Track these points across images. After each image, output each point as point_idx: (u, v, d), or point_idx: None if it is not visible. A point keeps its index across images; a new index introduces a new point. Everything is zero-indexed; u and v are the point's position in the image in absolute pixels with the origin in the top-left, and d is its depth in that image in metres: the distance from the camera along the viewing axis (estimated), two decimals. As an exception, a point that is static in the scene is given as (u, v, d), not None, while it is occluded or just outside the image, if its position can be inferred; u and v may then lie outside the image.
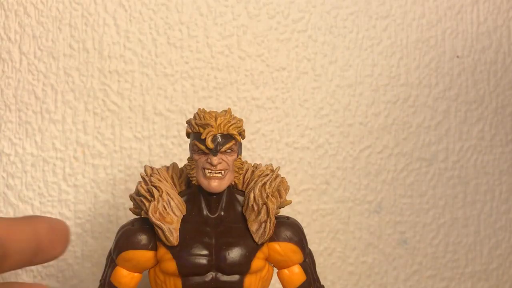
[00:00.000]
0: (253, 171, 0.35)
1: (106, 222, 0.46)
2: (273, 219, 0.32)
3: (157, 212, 0.32)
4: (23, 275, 0.45)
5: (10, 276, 0.45)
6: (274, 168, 0.35)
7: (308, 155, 0.49)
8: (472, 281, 0.51)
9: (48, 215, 0.46)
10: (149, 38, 0.47)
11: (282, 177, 0.35)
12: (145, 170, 0.35)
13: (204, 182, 0.32)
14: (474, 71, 0.52)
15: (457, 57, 0.51)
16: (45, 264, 0.45)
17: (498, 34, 0.52)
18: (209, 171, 0.32)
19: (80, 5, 0.47)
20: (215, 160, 0.32)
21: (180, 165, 0.37)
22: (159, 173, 0.34)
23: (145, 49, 0.47)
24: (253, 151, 0.48)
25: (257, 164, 0.36)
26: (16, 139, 0.46)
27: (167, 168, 0.35)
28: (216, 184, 0.32)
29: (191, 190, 0.34)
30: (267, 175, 0.34)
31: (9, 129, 0.46)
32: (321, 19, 0.50)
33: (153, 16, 0.47)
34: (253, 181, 0.34)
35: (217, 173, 0.32)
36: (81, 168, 0.46)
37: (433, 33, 0.51)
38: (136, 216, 0.34)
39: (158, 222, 0.31)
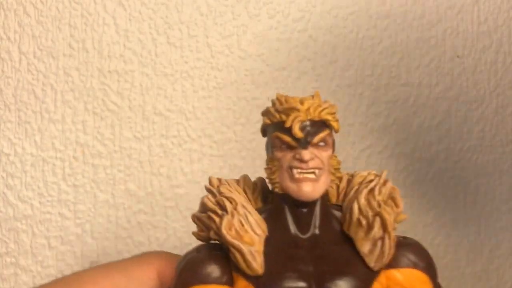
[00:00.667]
0: (349, 180, 0.28)
1: (105, 222, 0.46)
2: (392, 234, 0.24)
3: (233, 229, 0.24)
4: (22, 275, 0.45)
5: (9, 278, 0.45)
6: (378, 173, 0.27)
7: (308, 155, 0.49)
8: (472, 281, 0.51)
9: (48, 215, 0.46)
10: (149, 37, 0.47)
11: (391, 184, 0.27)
12: (210, 182, 0.27)
13: (292, 187, 0.25)
14: (474, 71, 0.52)
15: (458, 57, 0.51)
16: (45, 264, 0.45)
17: (499, 34, 0.52)
18: (299, 170, 0.24)
19: (80, 5, 0.47)
20: (306, 154, 0.24)
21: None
22: (228, 184, 0.27)
23: (144, 48, 0.47)
24: (253, 151, 0.48)
25: (353, 172, 0.29)
26: (16, 139, 0.46)
27: (237, 181, 0.28)
28: (309, 189, 0.24)
29: (271, 205, 0.26)
30: (371, 180, 0.27)
31: (8, 129, 0.46)
32: (321, 19, 0.49)
33: (153, 15, 0.47)
34: (353, 190, 0.27)
35: (310, 172, 0.24)
36: (81, 168, 0.46)
37: (433, 33, 0.51)
38: (201, 242, 0.27)
39: (235, 242, 0.24)
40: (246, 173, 0.31)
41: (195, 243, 0.48)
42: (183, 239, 0.47)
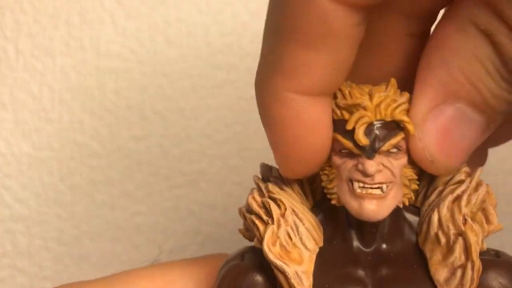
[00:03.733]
0: (432, 175, 0.22)
1: (103, 223, 0.46)
2: (477, 263, 0.20)
3: (277, 244, 0.20)
4: (19, 277, 0.45)
5: (6, 279, 0.45)
6: (470, 171, 0.22)
7: (309, 155, 0.48)
8: (475, 283, 0.51)
9: (45, 216, 0.45)
10: (147, 36, 0.47)
11: (487, 186, 0.22)
12: (261, 172, 0.23)
13: (352, 204, 0.20)
14: (477, 70, 0.51)
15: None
16: (42, 265, 0.45)
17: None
18: (361, 184, 0.20)
19: (78, 3, 0.46)
20: (371, 166, 0.19)
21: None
22: (280, 177, 0.23)
23: (143, 47, 0.47)
24: (253, 151, 0.48)
25: None
26: (13, 139, 0.46)
27: None
28: (373, 208, 0.20)
29: (330, 203, 0.22)
30: (461, 181, 0.21)
31: (5, 128, 0.46)
32: (322, 17, 0.49)
33: (151, 13, 0.47)
34: (437, 191, 0.22)
35: (375, 188, 0.20)
36: (78, 168, 0.46)
37: (436, 32, 0.51)
38: (248, 244, 0.23)
39: (278, 262, 0.19)
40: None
41: (194, 244, 0.48)
42: (181, 240, 0.46)
